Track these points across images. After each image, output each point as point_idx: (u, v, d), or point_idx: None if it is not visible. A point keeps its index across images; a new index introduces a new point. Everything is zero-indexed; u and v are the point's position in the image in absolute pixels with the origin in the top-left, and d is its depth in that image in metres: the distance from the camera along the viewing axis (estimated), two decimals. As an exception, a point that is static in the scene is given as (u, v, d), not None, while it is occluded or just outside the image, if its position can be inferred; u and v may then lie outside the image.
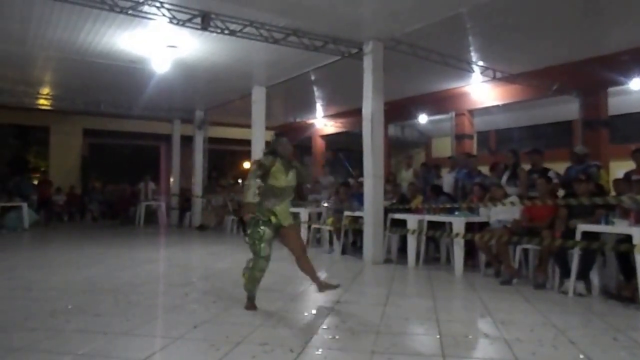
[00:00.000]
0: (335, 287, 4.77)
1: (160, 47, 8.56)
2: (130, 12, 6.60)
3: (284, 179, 4.47)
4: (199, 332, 3.79)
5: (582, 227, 5.26)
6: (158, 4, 6.63)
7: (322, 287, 4.71)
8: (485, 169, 8.69)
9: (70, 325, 3.94)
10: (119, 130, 17.00)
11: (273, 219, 4.44)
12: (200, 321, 4.07)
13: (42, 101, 13.33)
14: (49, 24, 7.54)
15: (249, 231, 4.42)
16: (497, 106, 11.81)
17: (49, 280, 6.00)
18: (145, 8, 6.65)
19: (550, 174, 6.95)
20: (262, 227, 4.37)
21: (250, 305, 4.49)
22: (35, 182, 15.84)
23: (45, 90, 12.74)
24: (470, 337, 3.81)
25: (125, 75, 10.42)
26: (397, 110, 12.50)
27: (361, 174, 8.36)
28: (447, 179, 8.84)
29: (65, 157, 17.23)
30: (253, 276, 4.42)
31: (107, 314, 4.30)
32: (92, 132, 17.60)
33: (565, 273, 5.41)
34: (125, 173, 17.04)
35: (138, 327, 3.91)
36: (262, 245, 4.36)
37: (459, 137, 12.85)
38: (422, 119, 13.93)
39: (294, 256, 4.65)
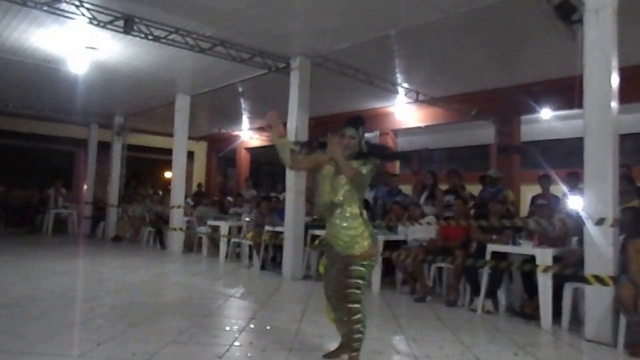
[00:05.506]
0: None
1: (78, 47, 8.10)
2: (45, 8, 6.22)
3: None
4: (102, 350, 3.56)
5: (491, 247, 5.54)
6: (77, 3, 6.29)
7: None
8: (406, 188, 8.92)
9: (-47, 344, 3.57)
10: (28, 132, 15.82)
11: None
12: (105, 338, 3.83)
13: None
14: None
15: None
16: (420, 127, 12.24)
17: None
18: (63, 6, 6.28)
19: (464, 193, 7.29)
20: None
21: None
22: None
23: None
24: (381, 354, 3.85)
25: (38, 74, 9.74)
26: (323, 127, 12.60)
27: (284, 189, 8.32)
28: (368, 197, 8.99)
29: (-38, 158, 15.73)
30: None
31: (0, 332, 3.94)
32: (-3, 133, 16.26)
33: (476, 291, 5.66)
34: (34, 178, 15.86)
35: (34, 345, 3.61)
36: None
37: (383, 156, 13.13)
38: (347, 136, 14.14)
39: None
